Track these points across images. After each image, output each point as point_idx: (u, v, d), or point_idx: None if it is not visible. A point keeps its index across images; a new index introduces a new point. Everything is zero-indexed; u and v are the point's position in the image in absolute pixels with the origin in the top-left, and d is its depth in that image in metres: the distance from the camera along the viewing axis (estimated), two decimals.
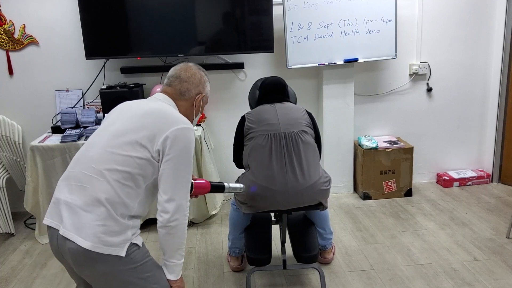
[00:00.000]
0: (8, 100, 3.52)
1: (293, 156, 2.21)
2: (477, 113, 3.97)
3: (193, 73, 1.76)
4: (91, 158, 1.55)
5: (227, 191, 2.04)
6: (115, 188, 1.50)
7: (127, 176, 1.52)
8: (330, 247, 2.74)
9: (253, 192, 2.20)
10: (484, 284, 2.48)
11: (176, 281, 1.64)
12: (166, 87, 1.76)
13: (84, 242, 1.45)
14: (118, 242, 1.49)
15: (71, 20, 3.40)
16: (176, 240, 1.56)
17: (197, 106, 1.79)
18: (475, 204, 3.54)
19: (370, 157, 3.63)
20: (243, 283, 2.58)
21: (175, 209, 1.53)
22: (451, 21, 3.73)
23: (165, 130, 1.55)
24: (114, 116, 1.66)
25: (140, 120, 1.58)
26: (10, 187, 3.44)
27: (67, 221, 1.49)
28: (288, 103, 2.40)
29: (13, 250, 3.09)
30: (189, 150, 1.58)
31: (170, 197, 1.53)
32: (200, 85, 1.78)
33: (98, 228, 1.46)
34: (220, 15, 3.32)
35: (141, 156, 1.53)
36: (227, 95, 3.71)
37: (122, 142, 1.54)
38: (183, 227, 1.57)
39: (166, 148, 1.54)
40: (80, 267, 1.50)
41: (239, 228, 2.61)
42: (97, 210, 1.48)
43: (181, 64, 1.79)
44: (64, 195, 1.54)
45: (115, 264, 1.49)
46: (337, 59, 3.48)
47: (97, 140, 1.59)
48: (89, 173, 1.52)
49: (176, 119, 1.59)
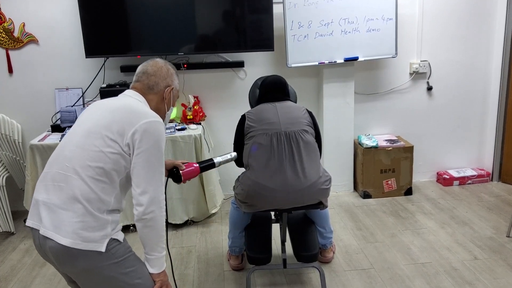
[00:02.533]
0: (7, 98, 3.51)
1: (293, 155, 2.21)
2: (477, 112, 3.96)
3: (159, 66, 1.77)
4: (65, 157, 1.57)
5: (218, 165, 2.06)
6: (90, 185, 1.52)
7: (101, 171, 1.54)
8: (330, 246, 2.74)
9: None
10: (484, 283, 2.48)
11: (159, 275, 1.64)
12: (135, 83, 1.78)
13: (63, 240, 1.47)
14: (98, 237, 1.51)
15: (70, 18, 3.40)
16: (154, 232, 1.57)
17: (167, 99, 1.80)
18: (475, 203, 3.54)
19: (370, 155, 3.62)
20: (243, 282, 2.58)
21: (149, 202, 1.54)
22: (452, 20, 3.73)
23: (134, 124, 1.57)
24: (86, 115, 1.68)
25: (110, 115, 1.60)
26: (10, 185, 3.43)
27: (46, 220, 1.52)
28: (288, 102, 2.39)
29: (12, 249, 3.09)
30: (159, 142, 1.59)
31: (143, 190, 1.55)
32: (168, 77, 1.78)
33: (76, 224, 1.48)
34: (220, 13, 3.32)
35: (113, 151, 1.55)
36: (227, 94, 3.71)
37: (93, 138, 1.56)
38: (160, 219, 1.57)
39: (136, 142, 1.56)
40: (62, 264, 1.53)
41: (239, 227, 2.60)
42: (74, 207, 1.50)
43: (148, 60, 1.81)
44: (42, 195, 1.57)
45: (96, 260, 1.51)
46: (338, 57, 3.47)
47: (69, 139, 1.62)
48: (64, 171, 1.55)
49: (144, 113, 1.61)
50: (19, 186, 3.48)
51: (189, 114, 3.49)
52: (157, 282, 1.63)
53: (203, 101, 3.69)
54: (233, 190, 2.43)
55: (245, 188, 2.23)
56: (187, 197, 3.22)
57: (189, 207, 3.27)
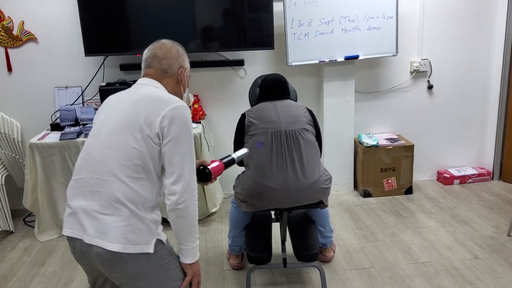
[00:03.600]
0: (7, 97, 3.50)
1: (293, 154, 2.20)
2: (478, 111, 3.95)
3: (168, 48, 1.70)
4: (96, 160, 1.51)
5: (237, 161, 1.98)
6: (129, 184, 1.47)
7: (137, 168, 1.48)
8: (331, 245, 2.73)
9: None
10: (485, 283, 2.47)
11: (192, 265, 1.58)
12: (147, 69, 1.69)
13: (112, 246, 1.43)
14: (145, 238, 1.48)
15: (70, 16, 3.38)
16: (187, 222, 1.51)
17: (182, 81, 1.73)
18: (475, 202, 3.53)
19: (371, 154, 3.61)
20: (243, 282, 2.57)
21: (182, 190, 1.48)
22: (453, 18, 3.71)
23: (160, 112, 1.51)
24: (106, 112, 1.61)
25: (133, 108, 1.53)
26: (9, 184, 3.42)
27: (89, 228, 1.46)
28: (288, 100, 2.38)
29: (12, 248, 3.08)
30: (188, 127, 1.53)
31: (175, 179, 1.49)
32: (179, 58, 1.71)
33: (123, 228, 1.44)
34: (220, 11, 3.30)
35: (144, 144, 1.49)
36: (227, 92, 3.70)
37: (121, 136, 1.50)
38: (193, 208, 1.51)
39: (164, 130, 1.50)
40: (110, 270, 1.48)
41: (239, 226, 2.59)
42: (117, 211, 1.45)
43: (153, 43, 1.72)
44: (79, 203, 1.51)
45: (144, 262, 1.48)
46: (338, 56, 3.46)
47: (95, 141, 1.55)
48: (99, 176, 1.49)
49: (168, 100, 1.55)
50: (19, 185, 3.47)
51: None
52: (188, 274, 1.59)
53: (203, 99, 3.68)
54: (233, 189, 2.43)
55: (245, 187, 2.23)
56: None
57: None
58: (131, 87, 1.68)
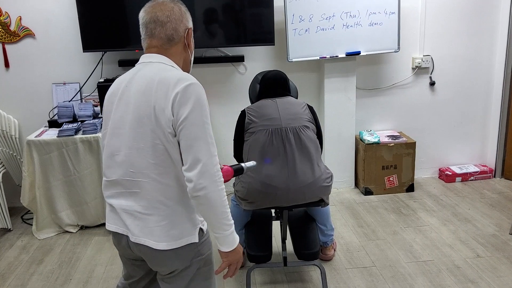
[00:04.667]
0: (4, 93, 3.47)
1: (294, 151, 2.17)
2: (480, 108, 3.92)
3: (170, 8, 1.48)
4: (123, 162, 1.45)
5: (245, 171, 1.92)
6: (163, 181, 1.42)
7: (166, 163, 1.41)
8: (331, 243, 2.71)
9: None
10: (487, 281, 2.45)
11: (228, 254, 1.46)
12: (150, 40, 1.49)
13: (158, 245, 1.42)
14: (188, 230, 1.46)
15: (68, 12, 3.34)
16: (212, 210, 1.38)
17: (190, 44, 1.55)
18: (477, 199, 3.50)
19: (372, 152, 3.58)
20: (243, 280, 2.55)
21: (199, 176, 1.35)
22: (455, 14, 3.68)
23: (170, 95, 1.38)
24: (119, 109, 1.49)
25: (144, 98, 1.42)
26: (7, 182, 3.40)
27: (133, 228, 1.45)
28: (289, 97, 2.35)
29: (9, 245, 3.06)
30: (201, 103, 1.39)
31: (190, 164, 1.36)
32: (184, 18, 1.51)
33: (166, 226, 1.43)
34: (220, 7, 3.26)
35: (164, 138, 1.40)
36: (227, 88, 3.66)
37: (142, 135, 1.42)
38: (215, 194, 1.36)
39: (175, 112, 1.37)
40: (156, 265, 1.49)
41: (239, 225, 2.57)
42: (157, 210, 1.43)
43: (151, 3, 1.50)
44: (119, 202, 1.48)
45: (189, 254, 1.47)
46: (339, 52, 3.42)
47: (117, 142, 1.48)
48: (132, 178, 1.44)
49: (176, 80, 1.40)
50: (16, 182, 3.44)
51: None
52: (224, 262, 1.48)
53: None
54: (233, 187, 2.40)
55: (245, 185, 2.20)
56: None
57: None
58: (135, 67, 1.53)
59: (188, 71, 1.59)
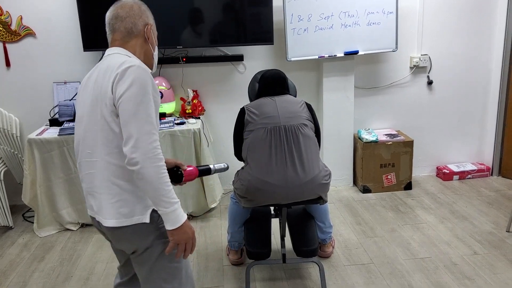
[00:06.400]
0: (5, 92, 3.49)
1: (293, 149, 2.19)
2: (478, 106, 3.94)
3: (129, 6, 1.63)
4: (83, 145, 1.57)
5: (213, 173, 1.99)
6: (113, 161, 1.49)
7: (115, 143, 1.48)
8: (330, 240, 2.73)
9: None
10: (484, 278, 2.47)
11: (173, 232, 1.46)
12: (112, 34, 1.62)
13: (107, 222, 1.51)
14: (139, 210, 1.51)
15: (68, 11, 3.36)
16: (148, 186, 1.39)
17: (150, 38, 1.66)
18: (475, 197, 3.53)
19: (370, 150, 3.61)
20: (243, 277, 2.57)
21: (132, 150, 1.38)
22: (453, 13, 3.70)
23: (112, 76, 1.46)
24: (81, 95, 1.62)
25: (96, 85, 1.52)
26: (8, 180, 3.41)
27: (94, 207, 1.57)
28: (288, 96, 2.37)
29: (11, 243, 3.08)
30: (141, 82, 1.43)
31: (126, 139, 1.41)
32: (143, 15, 1.65)
33: (116, 204, 1.50)
34: (219, 6, 3.28)
35: (111, 117, 1.47)
36: (226, 87, 3.68)
37: (94, 117, 1.51)
38: (152, 170, 1.38)
39: (114, 90, 1.44)
40: (118, 243, 1.59)
41: (238, 222, 2.59)
42: (108, 189, 1.51)
43: (114, 4, 1.65)
44: (84, 185, 1.61)
45: (145, 232, 1.53)
46: (338, 51, 3.45)
47: (79, 126, 1.59)
48: (90, 159, 1.55)
49: (120, 63, 1.48)
50: (17, 180, 3.46)
51: (188, 108, 3.47)
52: (171, 241, 1.48)
53: (202, 95, 3.67)
54: (233, 184, 2.42)
55: (244, 183, 2.22)
56: (186, 191, 3.21)
57: (188, 201, 3.26)
58: (101, 60, 1.63)
59: (151, 64, 1.70)
